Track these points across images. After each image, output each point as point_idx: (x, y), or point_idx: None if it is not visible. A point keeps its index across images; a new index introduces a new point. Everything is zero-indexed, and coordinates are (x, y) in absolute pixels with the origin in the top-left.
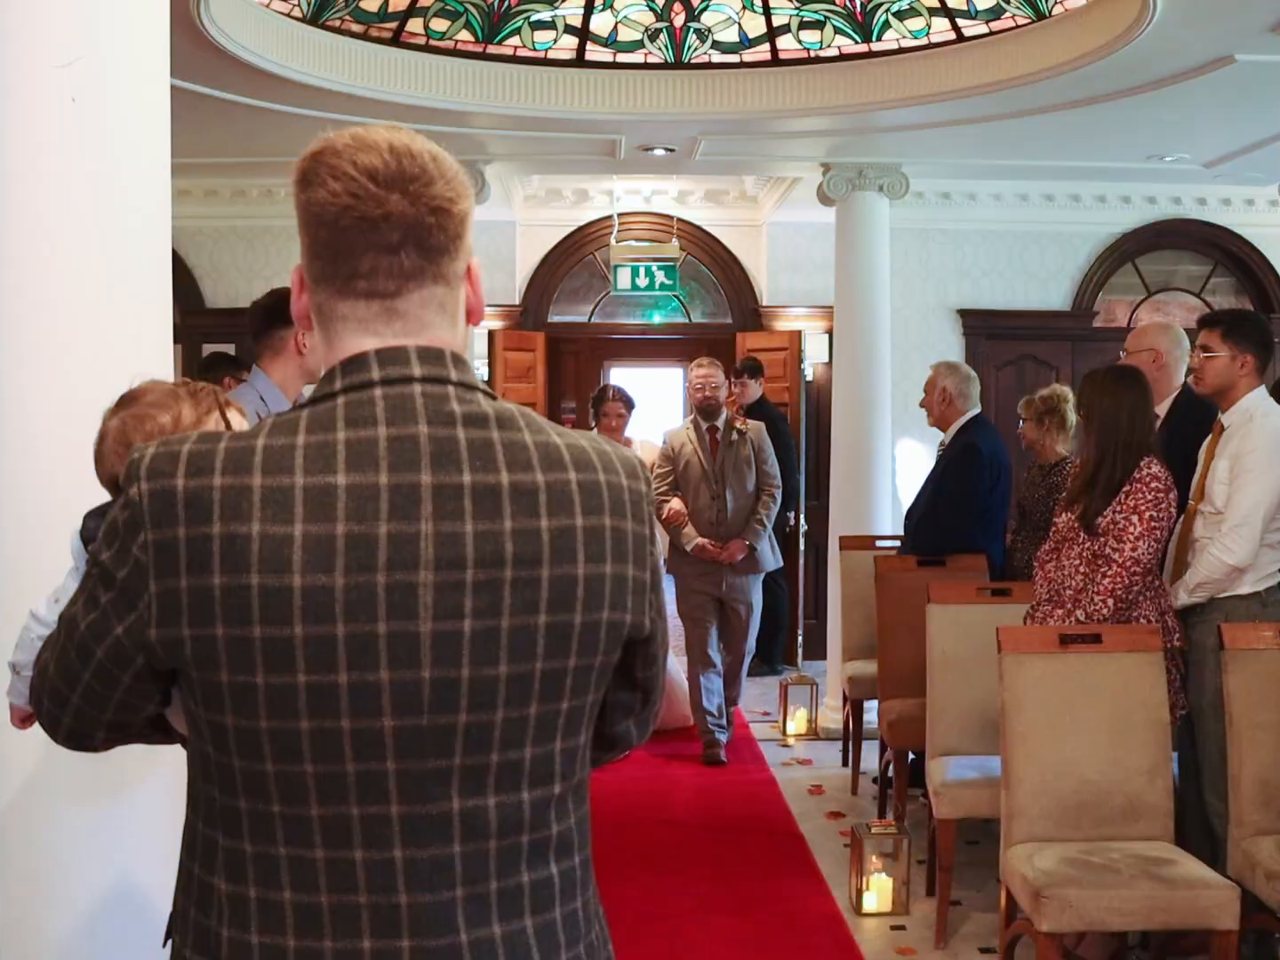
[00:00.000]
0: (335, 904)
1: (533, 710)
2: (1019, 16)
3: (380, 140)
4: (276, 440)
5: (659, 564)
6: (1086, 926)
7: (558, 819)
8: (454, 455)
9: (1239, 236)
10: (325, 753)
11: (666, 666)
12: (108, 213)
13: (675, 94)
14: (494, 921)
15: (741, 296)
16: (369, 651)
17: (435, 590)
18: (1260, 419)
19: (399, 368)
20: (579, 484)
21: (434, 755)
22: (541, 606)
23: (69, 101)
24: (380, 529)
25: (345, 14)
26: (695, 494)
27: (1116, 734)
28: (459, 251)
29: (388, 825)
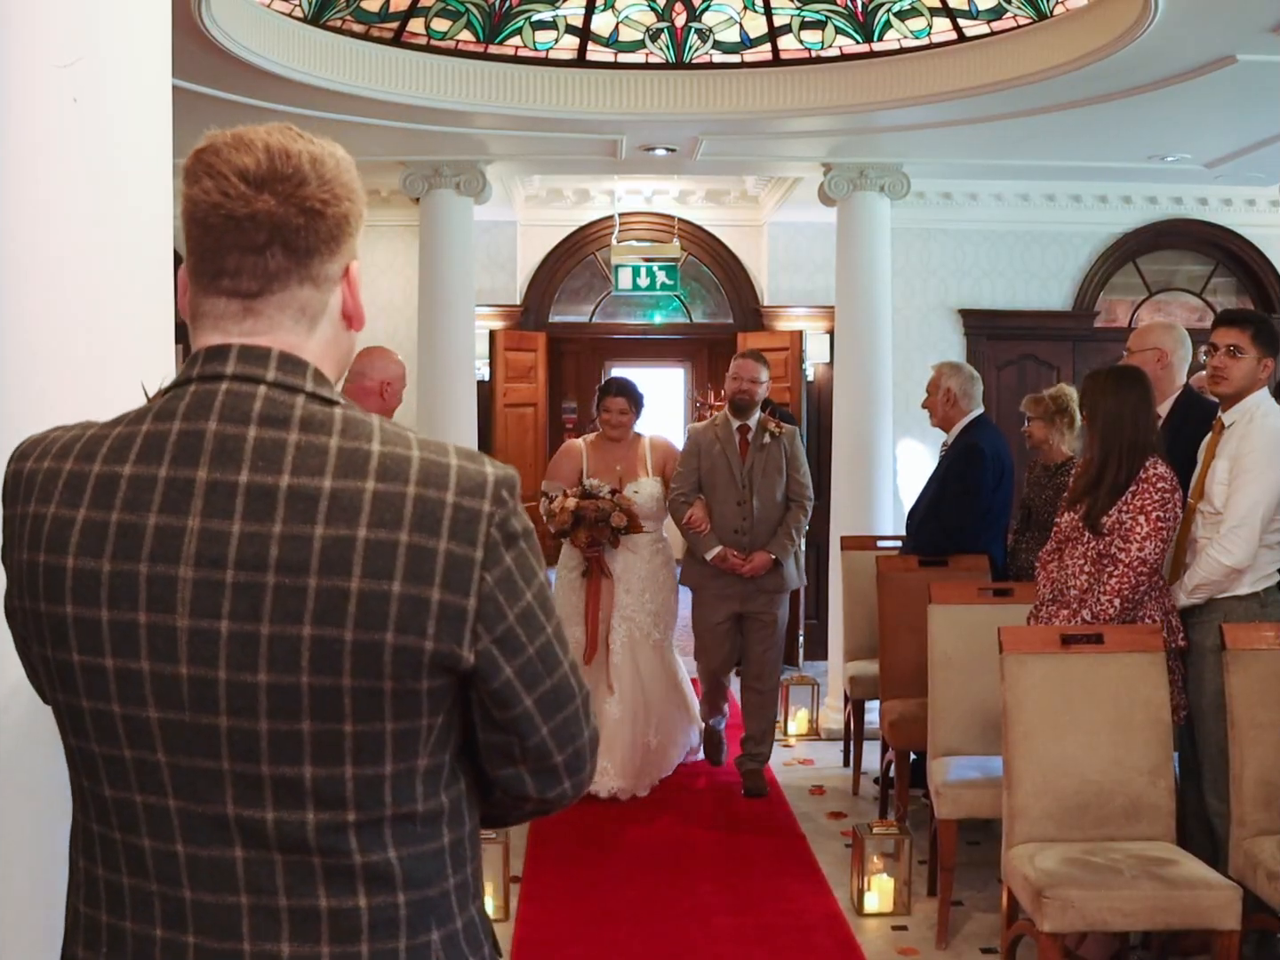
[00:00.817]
0: (134, 886)
1: (305, 726)
2: (1020, 16)
3: (258, 140)
4: (104, 430)
5: (506, 592)
6: (1088, 926)
7: (363, 849)
8: (236, 453)
9: (1240, 236)
10: (104, 735)
11: (562, 712)
12: (109, 213)
13: (676, 94)
14: (283, 939)
15: (742, 296)
16: (130, 639)
17: (194, 586)
18: (1261, 419)
19: (215, 365)
20: (374, 494)
21: (201, 755)
22: (306, 618)
23: (70, 102)
24: (149, 520)
25: (346, 14)
26: (720, 498)
27: (1118, 734)
28: (333, 254)
29: (167, 818)
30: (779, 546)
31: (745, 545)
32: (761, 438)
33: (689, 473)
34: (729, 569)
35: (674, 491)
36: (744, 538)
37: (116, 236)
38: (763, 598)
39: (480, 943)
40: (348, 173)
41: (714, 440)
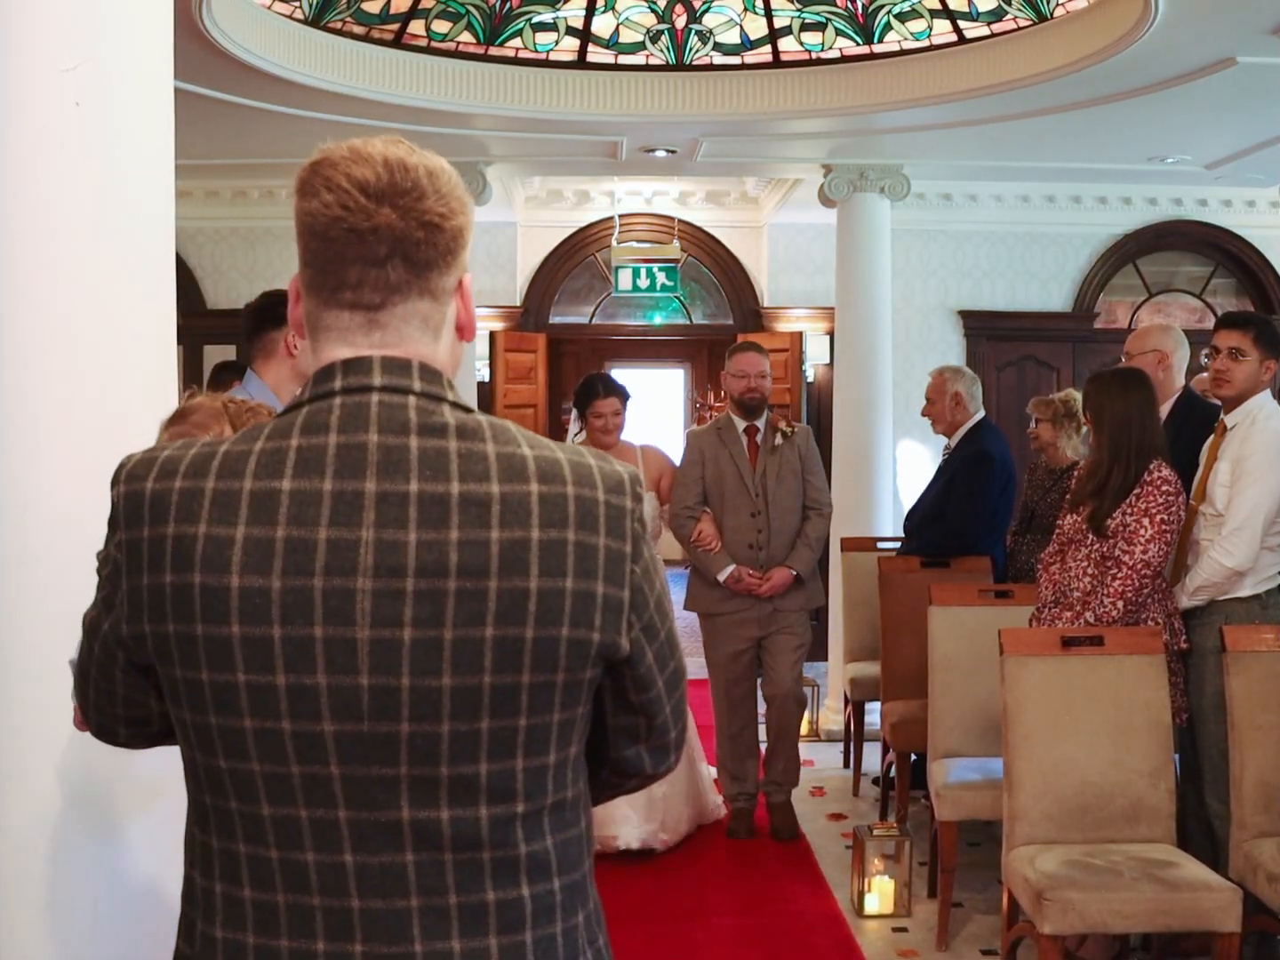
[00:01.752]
0: (290, 903)
1: (484, 725)
2: (1020, 18)
3: (376, 153)
4: (239, 446)
5: (647, 583)
6: (1088, 928)
7: (527, 839)
8: (402, 464)
9: (1240, 238)
10: (269, 753)
11: (678, 690)
12: (111, 215)
13: (677, 96)
14: (453, 936)
15: (742, 297)
16: (306, 655)
17: (373, 597)
18: (1263, 421)
19: (360, 377)
20: (540, 496)
21: (378, 763)
22: (488, 619)
23: (73, 105)
24: (320, 534)
25: (347, 16)
26: (730, 511)
27: (1118, 736)
28: (450, 267)
29: (335, 829)
30: (800, 560)
31: (762, 562)
32: (773, 439)
33: (692, 483)
34: (744, 590)
35: (676, 505)
36: (760, 553)
37: (118, 238)
38: (786, 617)
39: (603, 921)
40: (460, 186)
41: (719, 445)
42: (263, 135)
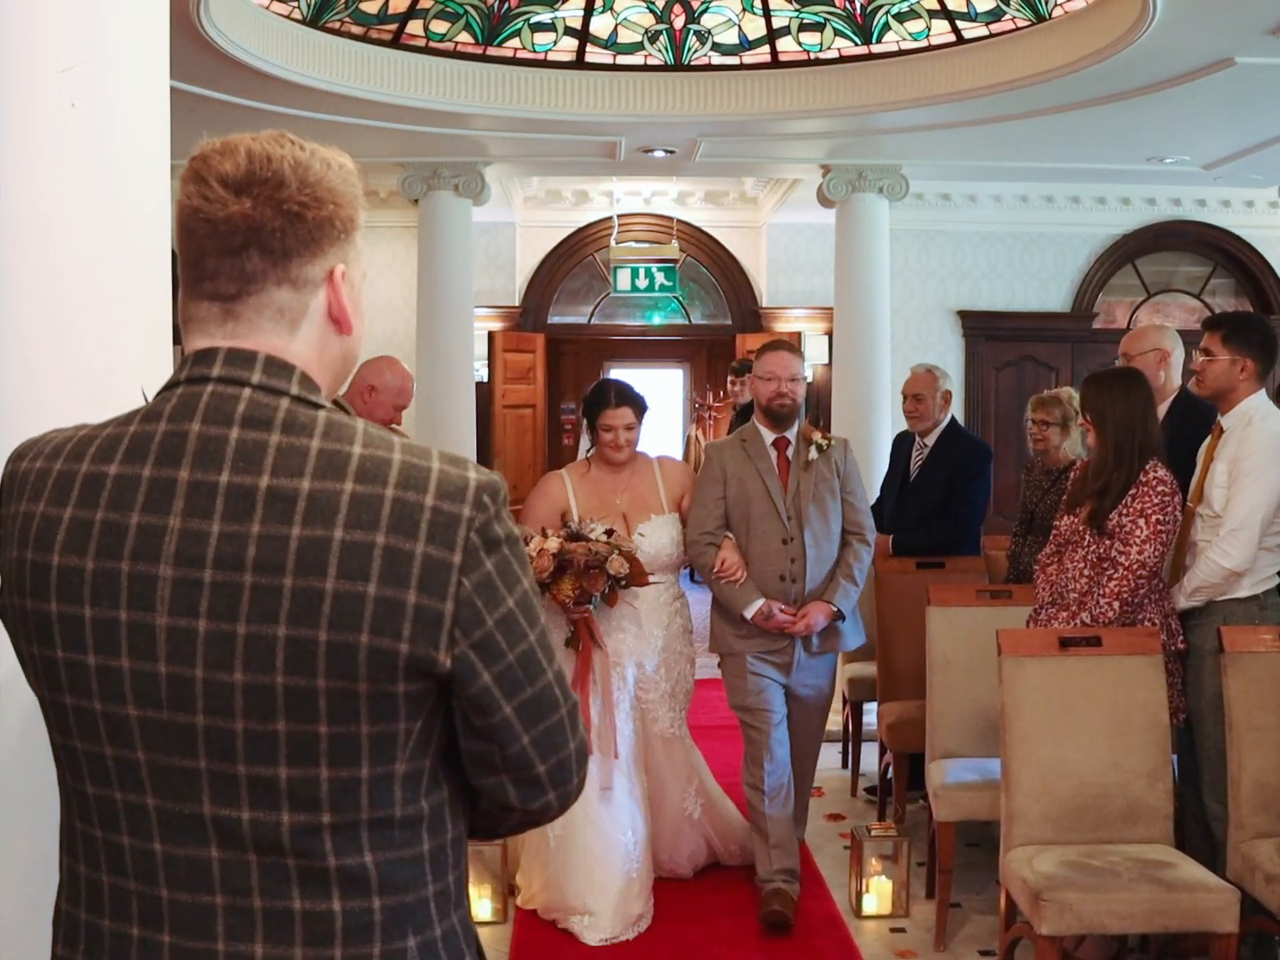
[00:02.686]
0: (113, 884)
1: (280, 727)
2: (1019, 19)
3: (241, 146)
4: (94, 431)
5: (485, 598)
6: (1086, 929)
7: (338, 852)
8: (218, 454)
9: (1238, 238)
10: (86, 731)
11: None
12: (108, 216)
13: (675, 96)
14: (257, 940)
15: (741, 298)
16: (111, 637)
17: (173, 585)
18: (1259, 423)
19: (202, 368)
20: (352, 495)
21: (179, 753)
22: (281, 617)
23: (69, 106)
24: (133, 519)
25: (345, 16)
26: (757, 537)
27: (1116, 737)
28: (315, 256)
29: (145, 815)
30: (840, 594)
31: (795, 596)
32: (806, 453)
33: (712, 504)
34: (774, 629)
35: (694, 531)
36: (793, 586)
37: (116, 240)
38: (819, 667)
39: (461, 951)
40: (338, 178)
41: (743, 460)
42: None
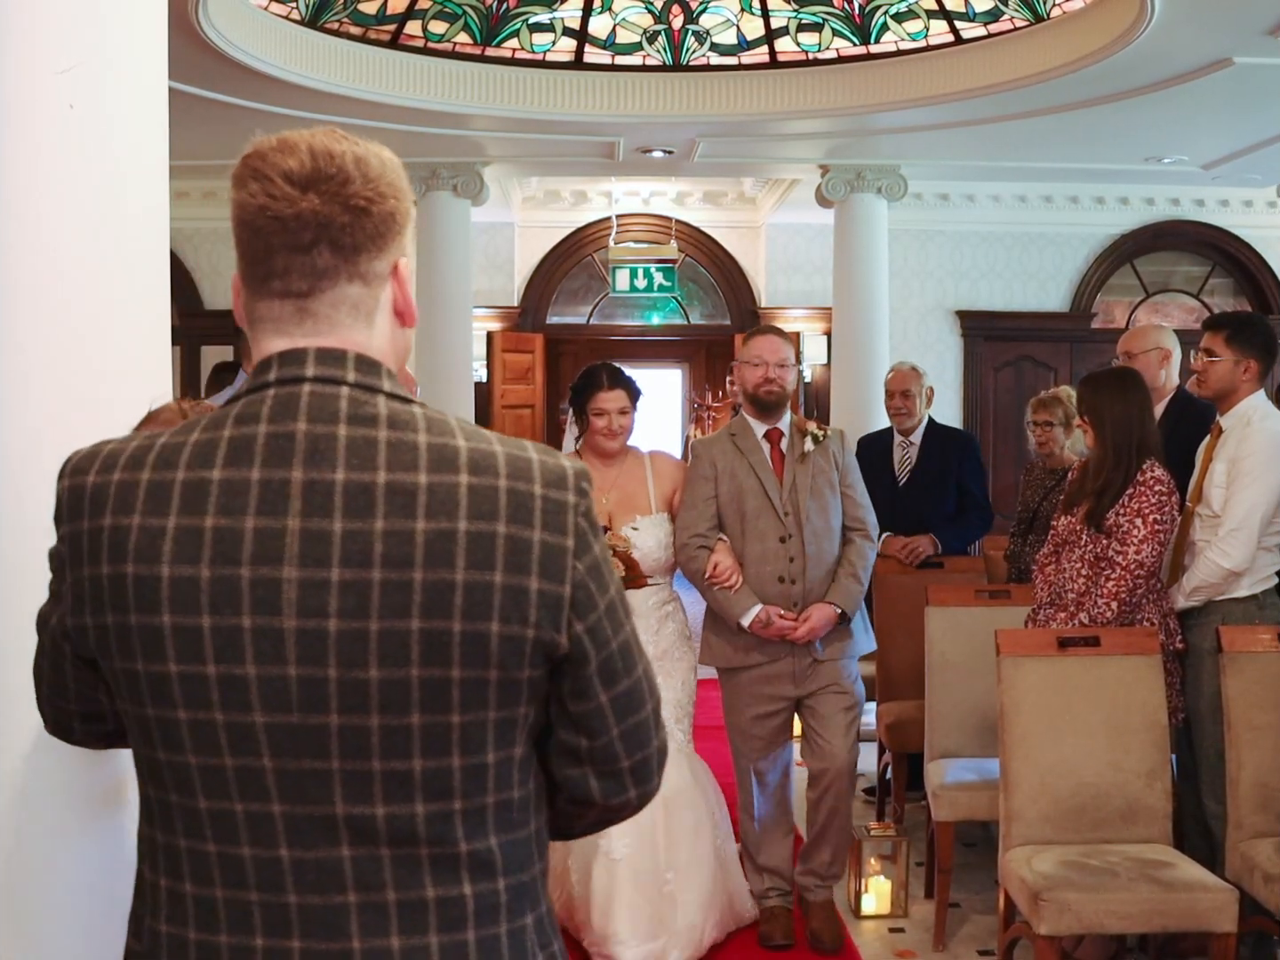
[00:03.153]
0: (229, 898)
1: (415, 720)
2: (1017, 19)
3: (302, 143)
4: (176, 438)
5: (595, 582)
6: (1085, 929)
7: (468, 837)
8: (330, 452)
9: (1237, 238)
10: (203, 745)
11: (634, 716)
12: (106, 216)
13: (673, 96)
14: (392, 933)
15: (740, 298)
16: (234, 645)
17: (299, 587)
18: (1258, 423)
19: (294, 368)
20: (470, 487)
21: (309, 756)
22: (414, 611)
23: (67, 107)
24: (247, 523)
25: (343, 16)
26: (753, 536)
27: (1115, 737)
28: (381, 250)
29: (270, 823)
30: (844, 594)
31: (796, 599)
32: (801, 444)
33: (702, 504)
34: (776, 636)
35: (684, 534)
36: (793, 588)
37: (114, 240)
38: (831, 669)
39: (556, 927)
40: (393, 172)
41: (734, 455)
42: (260, 135)
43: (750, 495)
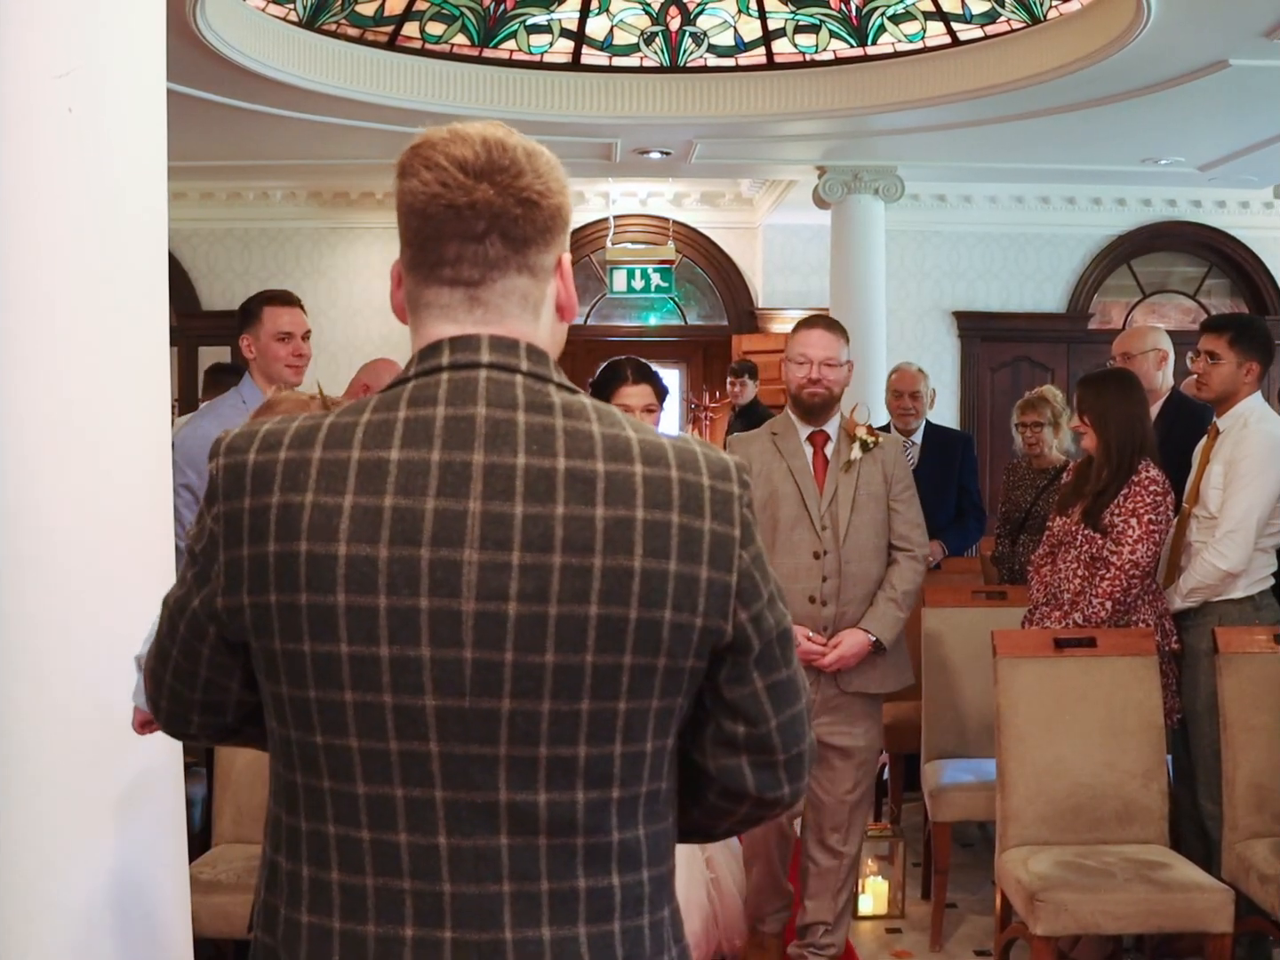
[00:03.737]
0: (380, 886)
1: (584, 706)
2: (1014, 21)
3: (474, 134)
4: (344, 418)
5: (759, 572)
6: (1081, 930)
7: (620, 826)
8: (510, 437)
9: (1233, 238)
10: (368, 728)
11: (789, 708)
12: (104, 219)
13: (671, 97)
14: (543, 923)
15: (737, 298)
16: (410, 626)
17: (480, 569)
18: (1255, 424)
19: (468, 354)
20: (645, 477)
21: (478, 741)
22: (593, 597)
23: (66, 111)
24: (428, 504)
25: (341, 18)
26: (785, 549)
27: (1111, 737)
28: (548, 245)
29: (431, 810)
30: (881, 621)
31: (826, 622)
32: (847, 451)
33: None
34: (801, 660)
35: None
36: (824, 610)
37: (113, 241)
38: (853, 709)
39: (681, 923)
40: (558, 168)
41: (773, 456)
42: (258, 137)
43: (786, 502)
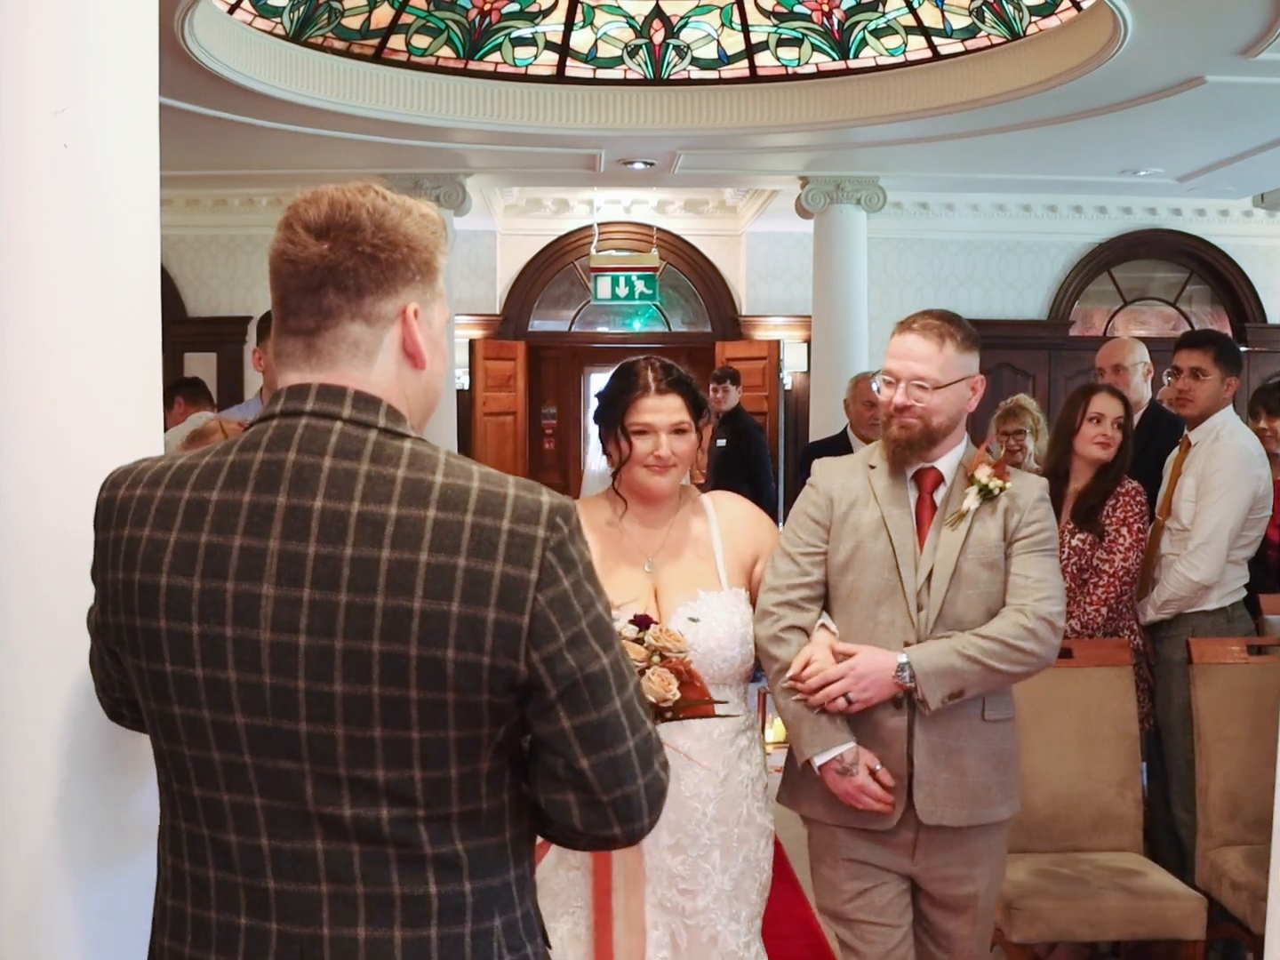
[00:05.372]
0: (220, 879)
1: (377, 733)
2: (994, 36)
3: (328, 195)
4: (191, 460)
5: (558, 613)
6: (1056, 937)
7: (433, 842)
8: (312, 481)
9: (1213, 246)
10: (194, 739)
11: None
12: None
13: (654, 109)
14: (360, 924)
15: (720, 306)
16: (218, 651)
17: (275, 603)
18: (1227, 438)
19: (296, 402)
20: (435, 521)
21: (285, 757)
22: (375, 634)
23: (62, 147)
24: (235, 541)
25: (327, 31)
26: (867, 629)
27: (1086, 747)
28: (388, 294)
29: (253, 814)
30: (925, 650)
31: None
32: (960, 499)
33: (804, 556)
34: (853, 798)
35: (767, 597)
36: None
37: (108, 277)
38: (965, 844)
39: (535, 932)
40: (415, 225)
41: (866, 494)
42: (244, 148)
43: (872, 566)
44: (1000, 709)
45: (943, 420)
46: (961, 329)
